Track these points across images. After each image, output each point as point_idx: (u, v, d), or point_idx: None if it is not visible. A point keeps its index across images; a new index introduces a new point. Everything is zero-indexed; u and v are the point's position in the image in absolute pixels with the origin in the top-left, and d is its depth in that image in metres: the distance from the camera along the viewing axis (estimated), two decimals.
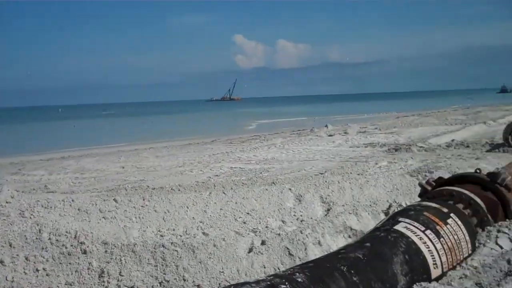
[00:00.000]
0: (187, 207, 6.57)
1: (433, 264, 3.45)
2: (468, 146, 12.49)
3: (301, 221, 6.39)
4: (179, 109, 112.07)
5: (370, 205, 6.76)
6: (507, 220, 4.40)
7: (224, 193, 7.22)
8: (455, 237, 3.75)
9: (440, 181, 4.61)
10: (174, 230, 5.99)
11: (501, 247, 4.05)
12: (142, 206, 6.45)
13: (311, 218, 6.49)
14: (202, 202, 6.82)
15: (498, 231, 4.19)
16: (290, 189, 7.37)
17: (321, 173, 9.23)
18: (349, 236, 5.97)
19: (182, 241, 5.51)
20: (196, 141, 22.57)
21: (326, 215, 6.61)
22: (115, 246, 5.41)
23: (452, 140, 13.72)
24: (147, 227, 5.98)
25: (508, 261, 3.79)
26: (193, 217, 6.34)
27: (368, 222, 6.25)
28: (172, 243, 5.43)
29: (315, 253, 5.34)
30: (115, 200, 6.60)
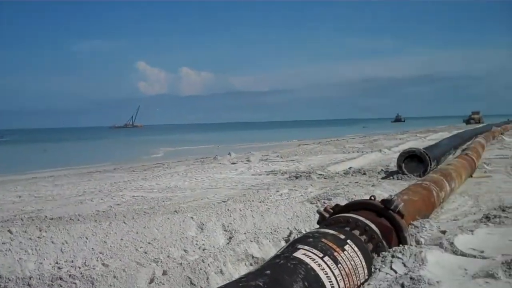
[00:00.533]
0: (86, 238, 6.36)
1: None
2: (364, 174, 12.93)
3: (203, 250, 6.34)
4: (80, 136, 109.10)
5: (271, 233, 6.81)
6: (400, 245, 4.58)
7: (125, 222, 7.06)
8: (352, 263, 3.84)
9: (338, 208, 4.73)
10: (72, 261, 5.76)
11: (395, 272, 4.20)
12: (38, 237, 6.18)
13: (213, 246, 6.46)
14: (102, 232, 6.63)
15: (393, 256, 4.35)
16: (192, 217, 7.31)
17: (224, 201, 9.23)
18: (251, 264, 5.97)
19: (81, 273, 5.31)
20: (98, 169, 22.00)
21: (228, 243, 6.60)
22: (9, 280, 5.15)
23: (350, 168, 14.15)
24: (44, 259, 5.73)
25: (402, 286, 3.93)
26: (92, 248, 6.14)
27: (269, 250, 6.29)
28: (70, 275, 5.23)
29: (217, 282, 5.30)
30: (9, 231, 6.30)
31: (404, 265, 4.29)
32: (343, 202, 6.17)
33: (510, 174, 12.10)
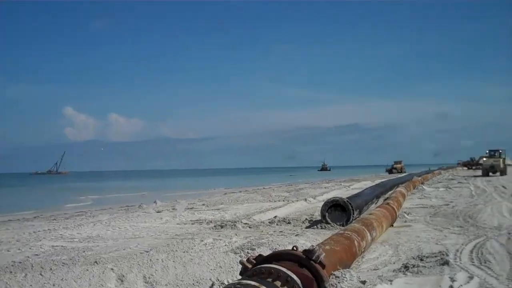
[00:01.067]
0: None
1: None
2: (289, 223, 13.03)
3: None
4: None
5: (193, 284, 6.72)
6: None
7: (41, 274, 6.78)
8: None
9: (260, 259, 4.72)
10: None
11: None
12: None
13: None
14: (17, 285, 6.34)
15: None
16: (112, 269, 7.10)
17: (146, 251, 9.04)
18: None
19: None
20: (17, 217, 21.10)
21: None
22: None
23: (275, 217, 14.23)
24: None
25: None
26: None
27: None
28: None
29: None
30: None
31: None
32: (266, 252, 6.18)
33: (429, 223, 12.49)
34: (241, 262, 4.74)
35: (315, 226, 12.04)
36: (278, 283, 4.27)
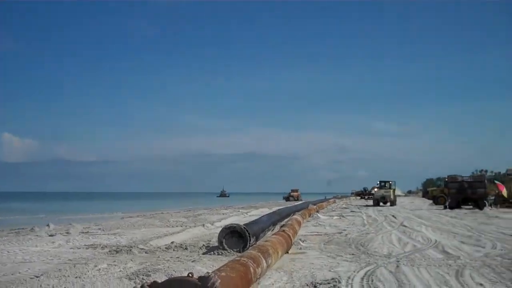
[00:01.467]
0: None
1: None
2: (186, 248, 12.92)
3: None
4: None
5: None
6: None
7: None
8: None
9: (155, 285, 4.66)
10: None
11: None
12: None
13: None
14: None
15: None
16: None
17: (37, 276, 8.65)
18: None
19: None
20: None
21: None
22: None
23: (172, 242, 14.07)
24: None
25: None
26: None
27: None
28: None
29: None
30: None
31: None
32: (162, 278, 6.09)
33: (323, 251, 12.81)
34: None
35: (212, 252, 12.01)
36: None
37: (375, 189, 52.51)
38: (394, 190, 50.39)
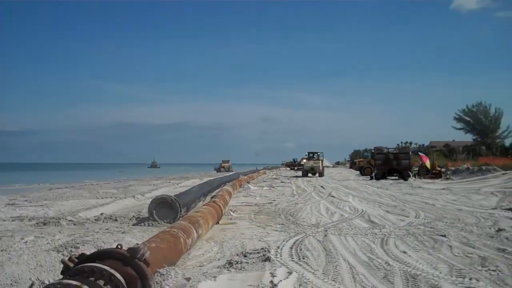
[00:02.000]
0: None
1: None
2: (116, 220, 12.79)
3: None
4: None
5: (11, 284, 6.35)
6: None
7: None
8: None
9: (83, 257, 4.60)
10: None
11: None
12: None
13: None
14: None
15: None
16: None
17: None
18: None
19: None
20: None
21: None
22: None
23: (101, 214, 13.90)
24: None
25: None
26: None
27: None
28: None
29: None
30: None
31: None
32: (91, 250, 6.03)
33: (253, 221, 12.98)
34: (63, 261, 4.58)
35: (143, 224, 11.95)
36: (101, 282, 4.20)
37: (304, 160, 53.00)
38: (322, 161, 51.28)
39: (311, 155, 51.68)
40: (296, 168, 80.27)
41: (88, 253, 4.77)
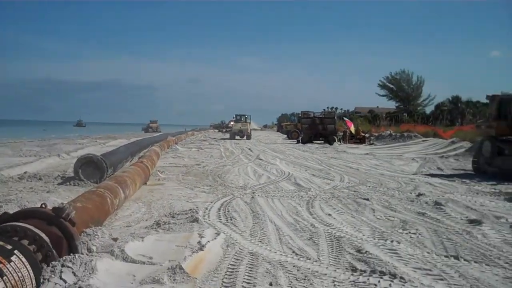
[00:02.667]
0: None
1: None
2: (40, 179, 12.44)
3: None
4: None
5: None
6: (71, 254, 4.55)
7: None
8: (20, 274, 3.70)
9: (6, 216, 4.49)
10: None
11: (65, 281, 4.16)
12: None
13: None
14: None
15: (62, 265, 4.30)
16: None
17: None
18: None
19: None
20: None
21: None
22: None
23: (25, 172, 13.47)
24: None
25: None
26: None
27: None
28: None
29: None
30: None
31: (74, 274, 4.28)
32: (14, 210, 5.87)
33: (181, 182, 12.97)
34: None
35: (68, 183, 11.70)
36: (25, 242, 4.12)
37: (232, 123, 52.60)
38: (250, 124, 51.27)
39: (238, 117, 51.45)
40: (224, 130, 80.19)
41: (11, 212, 4.66)
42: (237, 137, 47.88)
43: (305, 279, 5.03)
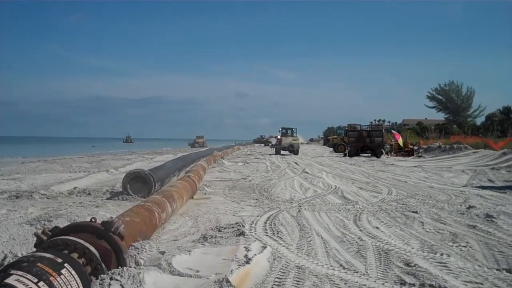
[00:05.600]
0: None
1: None
2: (89, 194, 12.71)
3: None
4: None
5: None
6: (120, 267, 4.60)
7: None
8: (69, 287, 3.76)
9: (56, 231, 4.58)
10: None
11: None
12: None
13: None
14: None
15: (111, 278, 4.35)
16: None
17: None
18: None
19: None
20: None
21: None
22: None
23: (75, 188, 13.79)
24: None
25: None
26: None
27: None
28: None
29: None
30: None
31: (122, 287, 4.33)
32: (64, 224, 5.99)
33: (227, 196, 13.02)
34: (36, 234, 4.55)
35: (116, 198, 11.90)
36: (75, 255, 4.19)
37: (278, 137, 48.49)
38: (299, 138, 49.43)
39: (284, 131, 47.78)
40: (270, 144, 79.39)
41: (61, 226, 4.75)
42: (283, 152, 45.31)
43: None
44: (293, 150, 44.96)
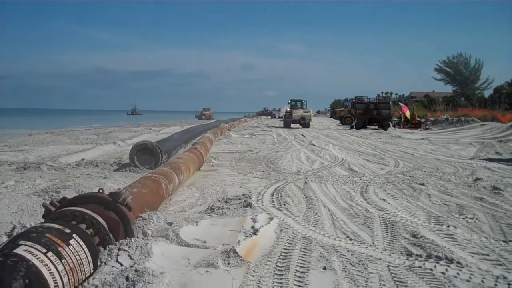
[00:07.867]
0: None
1: (55, 286, 3.41)
2: (97, 165, 12.76)
3: None
4: None
5: None
6: (127, 238, 4.63)
7: None
8: (78, 257, 3.78)
9: (65, 202, 4.60)
10: None
11: (121, 264, 4.24)
12: None
13: None
14: None
15: (119, 249, 4.39)
16: None
17: None
18: None
19: None
20: None
21: None
22: None
23: (82, 159, 13.84)
24: None
25: (127, 278, 3.99)
26: None
27: None
28: None
29: None
30: None
31: (130, 258, 4.36)
32: (72, 195, 6.02)
33: (234, 168, 13.02)
34: (44, 205, 4.57)
35: (124, 169, 11.95)
36: (83, 226, 4.22)
37: (287, 109, 45.93)
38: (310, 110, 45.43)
39: (294, 103, 45.88)
40: (271, 117, 78.34)
41: (69, 197, 4.77)
42: (293, 126, 42.92)
43: (359, 264, 4.98)
44: (304, 123, 42.21)
